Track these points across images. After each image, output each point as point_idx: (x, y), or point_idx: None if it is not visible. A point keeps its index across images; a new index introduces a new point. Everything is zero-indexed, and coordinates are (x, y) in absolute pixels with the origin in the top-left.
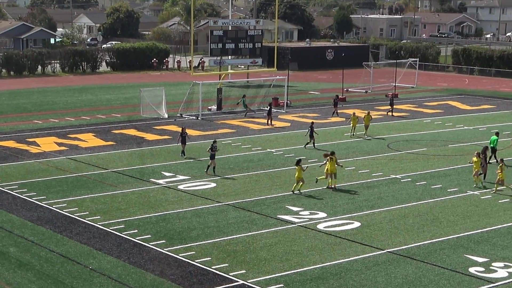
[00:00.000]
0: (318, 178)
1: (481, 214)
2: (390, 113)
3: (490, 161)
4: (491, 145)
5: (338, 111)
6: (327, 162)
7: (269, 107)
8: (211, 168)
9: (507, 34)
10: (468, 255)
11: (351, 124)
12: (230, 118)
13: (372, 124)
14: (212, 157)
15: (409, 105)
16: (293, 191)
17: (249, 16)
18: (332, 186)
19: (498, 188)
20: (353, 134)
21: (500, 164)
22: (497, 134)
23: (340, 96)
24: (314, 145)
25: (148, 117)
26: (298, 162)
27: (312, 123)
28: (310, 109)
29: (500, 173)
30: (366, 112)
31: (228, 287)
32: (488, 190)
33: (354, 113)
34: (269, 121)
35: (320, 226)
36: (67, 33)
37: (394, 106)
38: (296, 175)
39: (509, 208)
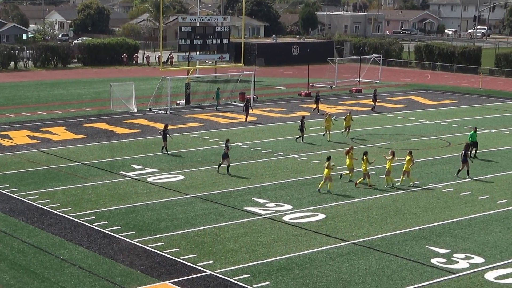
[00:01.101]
0: (342, 174)
1: (443, 206)
2: (372, 109)
3: (471, 156)
4: (471, 140)
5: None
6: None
7: (245, 103)
8: (225, 167)
9: (469, 31)
10: (430, 247)
11: (326, 127)
12: (198, 112)
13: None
14: (225, 155)
15: (373, 100)
16: (319, 190)
17: (216, 13)
18: (353, 180)
19: (403, 179)
20: (328, 140)
21: (409, 157)
22: (475, 130)
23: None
24: (302, 139)
25: (118, 111)
26: (328, 159)
27: (303, 117)
28: (276, 104)
29: (406, 165)
30: (348, 112)
31: (196, 277)
32: (449, 183)
33: (329, 115)
34: (246, 117)
35: (286, 218)
36: (39, 29)
37: (361, 101)
38: (325, 173)
39: (469, 201)
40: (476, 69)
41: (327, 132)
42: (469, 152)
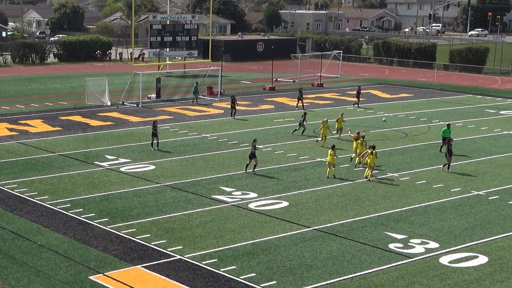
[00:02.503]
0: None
1: (400, 194)
2: (356, 105)
3: (440, 150)
4: (443, 135)
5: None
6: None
7: (232, 100)
8: (251, 166)
9: (423, 28)
10: (388, 232)
11: (322, 133)
12: (168, 105)
13: (298, 111)
14: (252, 155)
15: (334, 94)
16: (328, 177)
17: (185, 12)
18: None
19: (363, 166)
20: (322, 146)
21: (371, 150)
22: (448, 126)
23: (269, 86)
24: (302, 133)
25: (93, 105)
26: (332, 147)
27: (305, 113)
28: (242, 97)
29: (368, 159)
30: (340, 114)
31: (166, 262)
32: (406, 172)
33: (326, 120)
34: (232, 113)
35: (251, 206)
36: (17, 27)
37: (322, 95)
38: (328, 160)
39: (425, 189)
40: (431, 64)
41: (323, 139)
42: (445, 146)
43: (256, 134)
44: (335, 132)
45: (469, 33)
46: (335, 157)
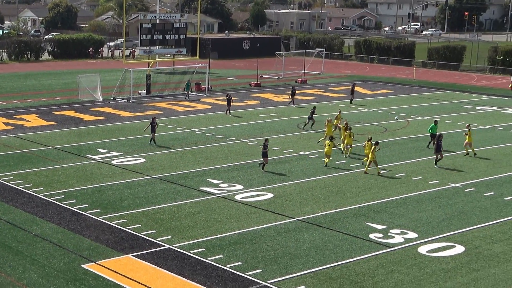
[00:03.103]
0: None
1: (380, 186)
2: (350, 101)
3: (428, 146)
4: (431, 132)
5: (296, 98)
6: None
7: (227, 97)
8: (263, 165)
9: (403, 27)
10: (369, 223)
11: (327, 132)
12: (158, 101)
13: (283, 107)
14: (264, 154)
15: (317, 90)
16: (326, 166)
17: (174, 11)
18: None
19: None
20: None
21: (374, 147)
22: (435, 122)
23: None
24: (311, 126)
25: (85, 100)
26: (331, 139)
27: (314, 107)
28: (228, 93)
29: (371, 155)
30: (338, 111)
31: (155, 251)
32: (386, 165)
33: (329, 120)
34: (227, 111)
35: (238, 197)
36: (13, 25)
37: (306, 91)
38: (325, 150)
39: (404, 182)
40: (410, 61)
41: (325, 138)
42: (434, 142)
43: (242, 129)
44: (334, 129)
45: (424, 33)
46: (332, 148)
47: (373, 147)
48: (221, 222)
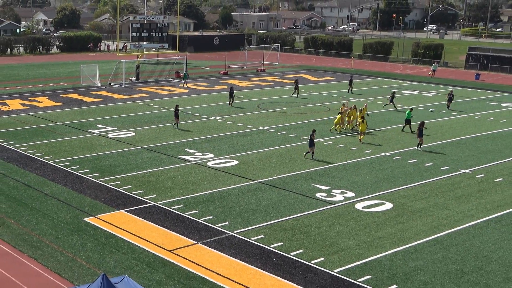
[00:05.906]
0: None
1: (325, 155)
2: (349, 91)
3: (403, 130)
4: (406, 117)
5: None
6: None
7: (230, 90)
8: (310, 154)
9: (343, 27)
10: (315, 184)
11: (348, 119)
12: (145, 86)
13: (246, 91)
14: (312, 143)
15: (273, 77)
16: (330, 130)
17: (159, 13)
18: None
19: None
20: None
21: (362, 119)
22: (411, 109)
23: (224, 71)
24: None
25: (86, 85)
26: (340, 112)
27: (394, 92)
28: (202, 80)
29: (361, 126)
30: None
31: (143, 207)
32: (328, 138)
33: (354, 106)
34: (230, 102)
35: (210, 164)
36: (28, 25)
37: (264, 78)
38: (360, 128)
39: (344, 151)
40: (349, 54)
41: (336, 126)
42: (416, 128)
43: (213, 108)
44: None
45: (341, 27)
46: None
47: (363, 120)
48: (196, 184)
